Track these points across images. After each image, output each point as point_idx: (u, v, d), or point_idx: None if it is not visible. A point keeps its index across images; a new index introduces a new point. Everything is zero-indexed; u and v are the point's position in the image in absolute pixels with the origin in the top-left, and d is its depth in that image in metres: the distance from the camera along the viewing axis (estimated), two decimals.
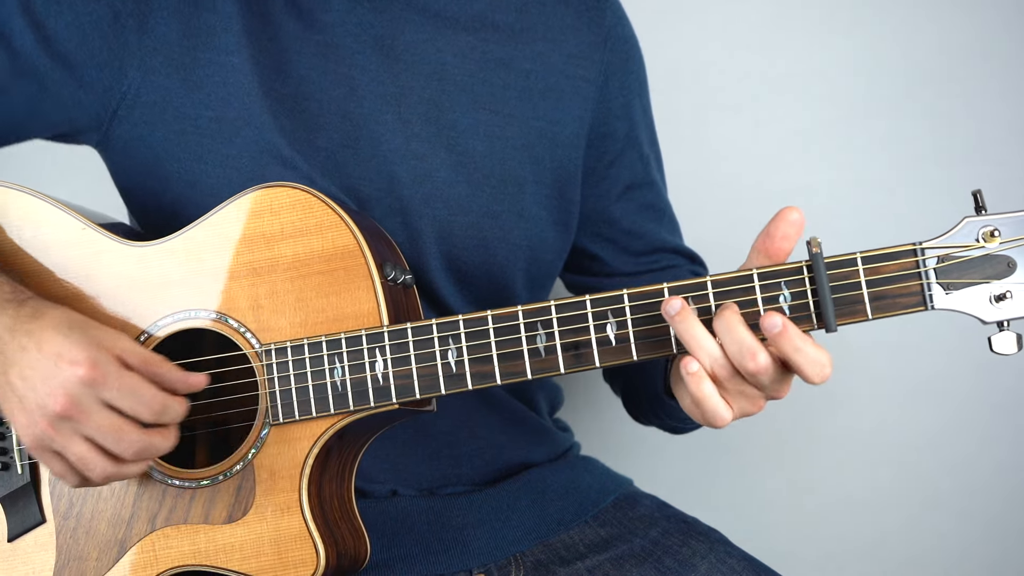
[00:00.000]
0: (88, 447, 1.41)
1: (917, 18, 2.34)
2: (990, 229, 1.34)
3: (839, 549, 2.39)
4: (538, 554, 1.71)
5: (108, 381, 1.40)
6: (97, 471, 1.42)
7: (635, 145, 1.82)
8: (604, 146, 1.79)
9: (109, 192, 1.78)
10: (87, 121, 1.64)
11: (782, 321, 1.32)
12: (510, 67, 1.71)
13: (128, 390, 1.41)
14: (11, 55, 1.60)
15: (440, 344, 1.45)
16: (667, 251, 1.87)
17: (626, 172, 1.82)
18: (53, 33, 1.60)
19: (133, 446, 1.42)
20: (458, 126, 1.67)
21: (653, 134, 1.89)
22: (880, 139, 2.34)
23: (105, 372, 1.40)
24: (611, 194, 1.82)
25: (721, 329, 1.35)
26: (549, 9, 1.75)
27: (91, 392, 1.39)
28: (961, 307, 1.35)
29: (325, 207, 1.49)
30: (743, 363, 1.34)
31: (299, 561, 1.46)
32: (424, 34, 1.68)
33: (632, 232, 1.84)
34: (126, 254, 1.55)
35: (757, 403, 1.40)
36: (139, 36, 1.61)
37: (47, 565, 1.53)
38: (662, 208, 1.89)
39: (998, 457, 2.34)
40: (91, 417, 1.40)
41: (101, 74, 1.61)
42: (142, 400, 1.42)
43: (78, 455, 1.41)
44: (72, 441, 1.41)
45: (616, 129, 1.79)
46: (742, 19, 2.36)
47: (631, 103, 1.81)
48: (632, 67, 1.82)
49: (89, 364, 1.39)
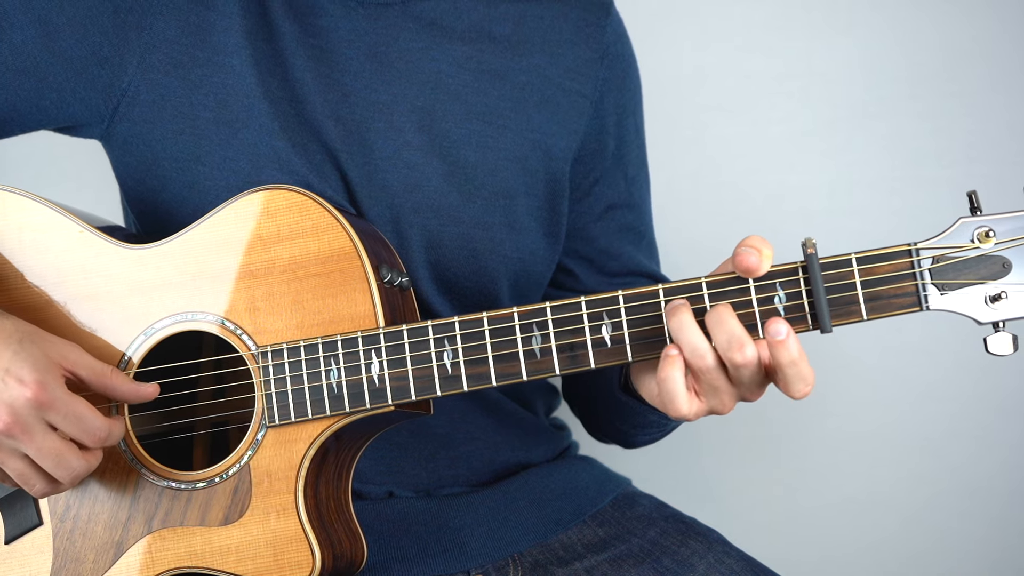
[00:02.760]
0: (26, 464, 1.42)
1: (917, 18, 2.34)
2: (985, 229, 1.33)
3: (838, 549, 2.39)
4: (536, 555, 1.71)
5: (55, 405, 1.40)
6: (37, 488, 1.44)
7: (622, 165, 1.82)
8: (592, 163, 1.78)
9: (108, 195, 1.78)
10: (89, 116, 1.64)
11: (787, 331, 1.32)
12: (505, 78, 1.71)
13: (75, 417, 1.41)
14: (12, 50, 1.61)
15: (436, 346, 1.45)
16: (641, 275, 1.85)
17: (609, 191, 1.81)
18: (54, 29, 1.60)
19: (72, 472, 1.43)
20: (451, 136, 1.67)
21: (643, 155, 1.88)
22: (880, 139, 2.33)
23: (53, 396, 1.39)
24: (592, 212, 1.81)
25: (712, 321, 1.36)
26: (547, 23, 1.75)
27: (36, 414, 1.39)
28: (956, 308, 1.35)
29: (322, 210, 1.49)
30: (730, 354, 1.35)
31: (295, 563, 1.46)
32: (419, 43, 1.67)
33: (608, 252, 1.83)
34: (123, 256, 1.55)
35: (728, 403, 1.41)
36: (139, 33, 1.61)
37: (44, 567, 1.53)
38: (642, 231, 1.87)
39: (998, 458, 2.34)
40: (33, 438, 1.40)
41: (102, 70, 1.61)
42: (87, 428, 1.42)
43: (18, 471, 1.43)
44: (11, 458, 1.42)
45: (606, 146, 1.79)
46: (742, 19, 2.35)
47: (624, 122, 1.81)
48: (628, 85, 1.81)
49: (37, 386, 1.38)
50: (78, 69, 1.61)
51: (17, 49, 1.61)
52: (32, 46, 1.61)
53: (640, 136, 1.87)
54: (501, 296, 1.71)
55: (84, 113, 1.64)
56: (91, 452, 1.45)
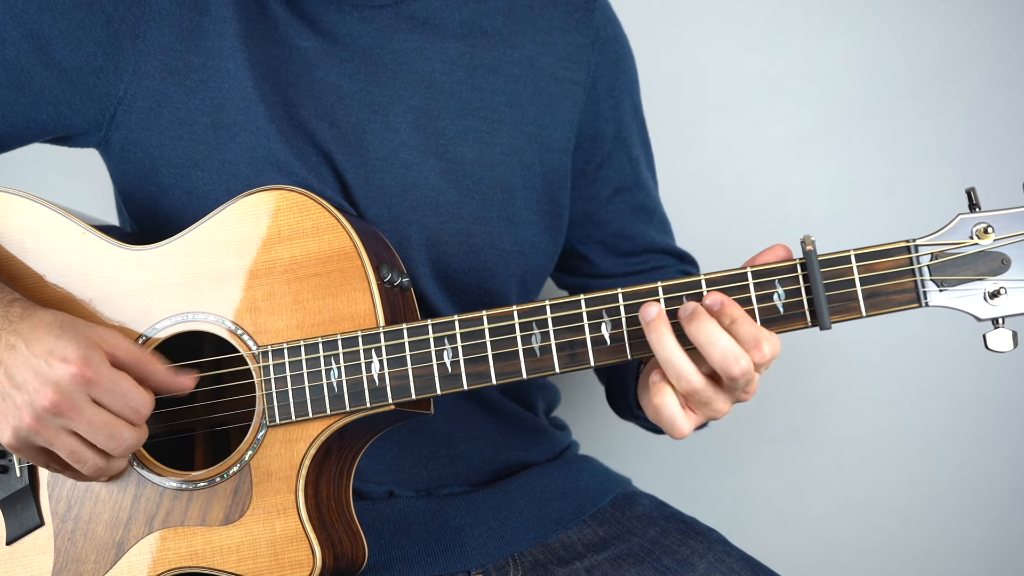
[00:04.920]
0: (77, 441, 1.42)
1: (917, 18, 2.34)
2: (984, 226, 1.34)
3: (838, 549, 2.38)
4: (536, 554, 1.71)
5: (100, 381, 1.41)
6: (89, 464, 1.44)
7: (624, 147, 1.82)
8: (593, 149, 1.79)
9: (106, 197, 1.79)
10: (86, 126, 1.64)
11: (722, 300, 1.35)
12: (499, 72, 1.71)
13: (120, 392, 1.42)
14: (5, 66, 1.61)
15: (436, 344, 1.45)
16: (656, 251, 1.87)
17: (615, 174, 1.82)
18: (47, 41, 1.60)
19: (124, 444, 1.43)
20: (447, 133, 1.67)
21: (644, 134, 1.89)
22: (879, 139, 2.33)
23: (98, 372, 1.40)
24: (600, 196, 1.82)
25: (703, 340, 1.35)
26: (537, 12, 1.75)
27: (82, 390, 1.40)
28: (955, 304, 1.35)
29: (322, 210, 1.50)
30: (728, 370, 1.35)
31: (295, 563, 1.46)
32: (412, 43, 1.68)
33: (621, 234, 1.84)
34: (124, 258, 1.55)
35: (723, 408, 1.41)
36: (133, 41, 1.61)
37: (45, 568, 1.53)
38: (652, 208, 1.89)
39: (999, 459, 2.34)
40: (83, 414, 1.40)
41: (97, 80, 1.61)
42: (132, 402, 1.42)
43: (69, 449, 1.42)
44: (60, 436, 1.42)
45: (605, 131, 1.79)
46: (742, 19, 2.35)
47: (620, 104, 1.81)
48: (622, 67, 1.82)
49: (81, 362, 1.40)
50: (73, 80, 1.61)
51: (10, 65, 1.61)
52: (25, 60, 1.61)
53: (639, 115, 1.88)
54: (505, 291, 1.71)
55: (80, 123, 1.64)
56: (138, 427, 1.45)
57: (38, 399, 1.39)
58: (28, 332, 1.42)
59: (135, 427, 1.44)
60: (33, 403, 1.40)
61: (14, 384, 1.41)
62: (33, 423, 1.41)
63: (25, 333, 1.42)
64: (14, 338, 1.42)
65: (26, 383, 1.40)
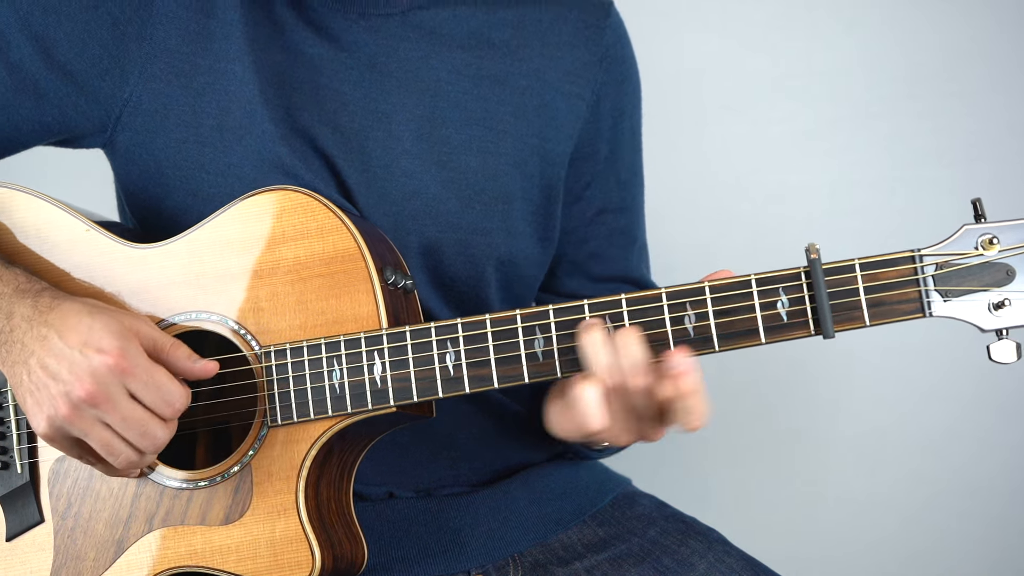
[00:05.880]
0: (111, 434, 1.41)
1: (917, 18, 2.34)
2: (989, 237, 1.33)
3: (839, 549, 2.39)
4: (536, 554, 1.71)
5: (137, 373, 1.40)
6: (123, 458, 1.42)
7: (615, 169, 1.81)
8: (585, 167, 1.77)
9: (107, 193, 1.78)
10: (91, 128, 1.64)
11: (691, 363, 1.37)
12: (505, 84, 1.70)
13: (155, 384, 1.41)
14: (10, 69, 1.60)
15: (438, 347, 1.45)
16: (630, 281, 1.85)
17: (601, 195, 1.80)
18: (53, 44, 1.59)
19: (156, 441, 1.42)
20: (451, 142, 1.67)
21: (638, 159, 1.87)
22: (881, 139, 2.34)
23: (134, 363, 1.40)
24: (584, 215, 1.80)
25: (619, 343, 1.39)
26: (546, 25, 1.74)
27: (118, 381, 1.39)
28: (959, 315, 1.35)
29: (327, 211, 1.49)
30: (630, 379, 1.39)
31: (295, 563, 1.46)
32: (419, 52, 1.67)
33: (596, 256, 1.82)
34: (129, 256, 1.55)
35: (649, 431, 1.45)
36: (139, 43, 1.60)
37: (44, 564, 1.53)
38: (634, 235, 1.86)
39: (999, 459, 2.35)
40: (117, 407, 1.39)
41: (103, 82, 1.61)
42: (166, 396, 1.42)
43: (103, 441, 1.41)
44: (94, 427, 1.41)
45: (599, 150, 1.78)
46: (743, 19, 2.36)
47: (619, 125, 1.80)
48: (627, 89, 1.80)
49: (119, 353, 1.39)
50: (79, 83, 1.61)
51: (15, 68, 1.60)
52: (30, 63, 1.60)
53: (636, 139, 1.86)
54: (491, 298, 1.71)
55: (86, 125, 1.63)
56: (169, 422, 1.44)
57: (74, 389, 1.39)
58: (59, 322, 1.41)
59: (167, 424, 1.43)
60: (69, 393, 1.39)
61: (49, 374, 1.40)
62: (69, 413, 1.40)
63: (56, 323, 1.41)
64: (45, 329, 1.42)
65: (61, 373, 1.39)
